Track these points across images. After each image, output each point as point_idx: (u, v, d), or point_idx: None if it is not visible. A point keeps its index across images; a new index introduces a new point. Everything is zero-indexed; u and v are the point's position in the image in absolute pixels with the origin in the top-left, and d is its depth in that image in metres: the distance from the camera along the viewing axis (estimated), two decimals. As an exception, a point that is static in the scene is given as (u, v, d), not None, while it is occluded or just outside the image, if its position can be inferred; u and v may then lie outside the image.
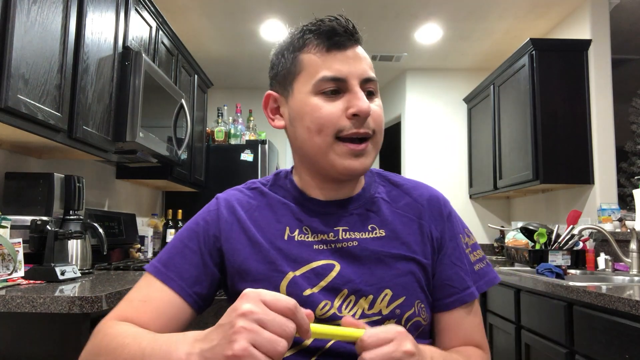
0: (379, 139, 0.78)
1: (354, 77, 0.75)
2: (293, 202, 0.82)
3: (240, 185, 0.89)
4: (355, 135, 0.74)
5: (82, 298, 1.27)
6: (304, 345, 0.72)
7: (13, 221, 1.61)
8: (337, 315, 0.73)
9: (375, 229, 0.80)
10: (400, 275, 0.76)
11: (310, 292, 0.74)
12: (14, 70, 1.44)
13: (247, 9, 3.25)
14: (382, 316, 0.74)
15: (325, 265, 0.75)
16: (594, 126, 2.91)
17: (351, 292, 0.74)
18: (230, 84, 4.72)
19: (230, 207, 0.82)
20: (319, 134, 0.74)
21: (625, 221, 2.62)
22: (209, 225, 0.80)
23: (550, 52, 2.98)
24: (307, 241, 0.78)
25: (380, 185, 0.86)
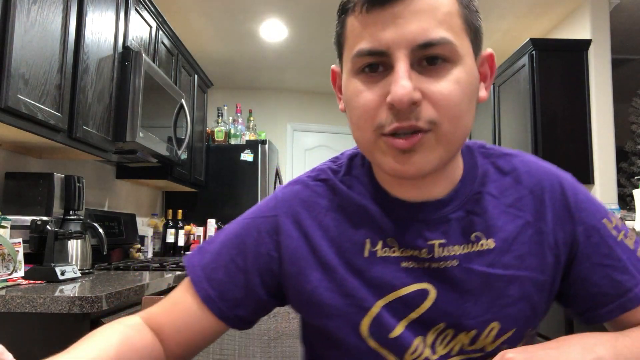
0: (450, 130, 0.53)
1: (399, 46, 0.52)
2: (373, 202, 0.63)
3: (305, 174, 0.69)
4: (396, 130, 0.53)
5: (82, 298, 1.27)
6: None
7: (13, 221, 1.61)
8: (429, 359, 0.59)
9: (481, 239, 0.60)
10: (512, 304, 0.59)
11: (398, 333, 0.59)
12: (14, 70, 1.44)
13: (247, 9, 3.25)
14: (485, 353, 0.60)
15: (418, 292, 0.59)
16: (594, 126, 2.91)
17: (449, 326, 0.59)
18: (230, 84, 4.72)
19: (294, 215, 0.64)
20: (359, 129, 0.56)
21: (625, 221, 2.62)
22: (262, 240, 0.64)
23: (550, 52, 2.98)
24: (393, 257, 0.60)
25: (486, 169, 0.64)
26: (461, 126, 0.55)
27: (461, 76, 0.53)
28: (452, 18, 0.53)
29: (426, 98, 0.52)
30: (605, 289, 0.60)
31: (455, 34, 0.53)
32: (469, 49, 0.56)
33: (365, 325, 0.59)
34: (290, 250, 0.63)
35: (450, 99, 0.53)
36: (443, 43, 0.52)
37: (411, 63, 0.52)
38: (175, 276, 1.99)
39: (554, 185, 0.63)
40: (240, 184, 3.68)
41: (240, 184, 3.68)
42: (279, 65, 4.28)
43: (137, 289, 1.56)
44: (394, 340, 0.59)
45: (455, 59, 0.53)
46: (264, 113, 4.70)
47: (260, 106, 4.69)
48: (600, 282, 0.60)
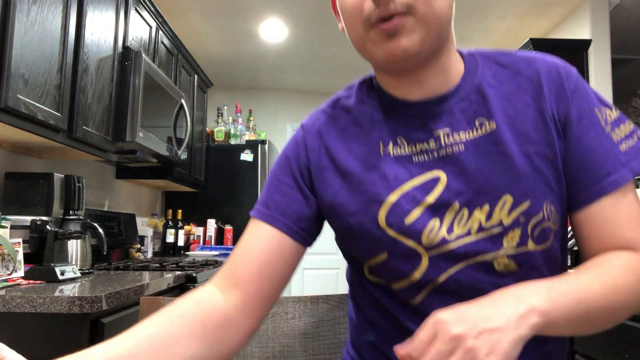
0: (428, 12, 0.59)
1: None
2: (381, 111, 0.70)
3: (323, 105, 0.78)
4: (381, 18, 0.59)
5: (82, 298, 1.27)
6: (414, 279, 0.65)
7: (13, 221, 1.61)
8: (446, 239, 0.63)
9: (484, 124, 0.65)
10: (521, 177, 0.63)
11: (413, 219, 0.64)
12: (14, 70, 1.44)
13: (247, 9, 3.25)
14: (504, 227, 0.63)
15: (430, 181, 0.65)
16: (594, 126, 2.91)
17: (463, 205, 0.63)
18: (230, 84, 4.72)
19: (317, 133, 0.73)
20: (352, 27, 0.63)
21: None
22: (299, 157, 0.73)
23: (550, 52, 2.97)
24: (405, 155, 0.67)
25: (485, 68, 0.69)
26: (436, 8, 0.60)
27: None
28: None
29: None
30: (587, 173, 0.64)
31: None
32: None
33: (382, 217, 0.65)
34: (316, 162, 0.72)
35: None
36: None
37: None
38: (175, 276, 1.99)
39: (550, 70, 0.68)
40: (240, 184, 3.68)
41: (240, 184, 3.68)
42: (279, 65, 4.28)
43: (137, 289, 1.56)
44: (410, 225, 0.64)
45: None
46: (264, 113, 4.70)
47: (260, 106, 4.70)
48: (584, 165, 0.64)
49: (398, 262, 0.66)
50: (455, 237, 0.63)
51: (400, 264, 0.66)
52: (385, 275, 0.68)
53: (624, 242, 0.62)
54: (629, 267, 0.60)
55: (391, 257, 0.66)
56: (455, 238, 0.63)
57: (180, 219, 3.36)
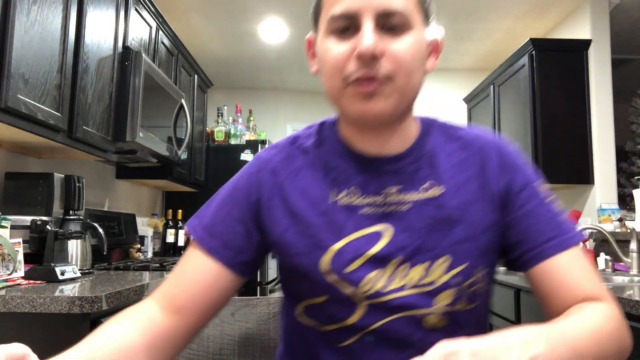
0: (404, 82, 0.64)
1: (366, 11, 0.63)
2: (338, 158, 0.73)
3: (281, 141, 0.79)
4: (360, 78, 0.63)
5: (82, 298, 1.28)
6: (347, 323, 0.68)
7: (13, 221, 1.61)
8: (383, 291, 0.66)
9: (432, 187, 0.70)
10: (460, 242, 0.67)
11: (353, 268, 0.67)
12: (14, 70, 1.44)
13: (247, 9, 3.25)
14: (439, 285, 0.66)
15: (374, 233, 0.68)
16: (594, 126, 2.91)
17: (404, 260, 0.67)
18: (230, 84, 4.72)
19: (272, 170, 0.75)
20: (330, 78, 0.67)
21: (625, 221, 2.62)
22: (250, 191, 0.74)
23: (550, 52, 2.98)
24: (354, 205, 0.70)
25: (438, 136, 0.75)
26: (412, 81, 0.66)
27: (412, 41, 0.65)
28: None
29: (385, 55, 0.63)
30: (530, 237, 0.69)
31: (410, 8, 0.65)
32: (420, 23, 0.67)
33: (325, 263, 0.68)
34: (265, 199, 0.73)
35: (404, 56, 0.64)
36: (400, 13, 0.64)
37: (375, 26, 0.63)
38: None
39: (494, 147, 0.74)
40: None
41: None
42: (279, 65, 4.28)
43: (137, 289, 1.56)
44: (349, 274, 0.67)
45: (409, 27, 0.65)
46: (264, 113, 4.70)
47: (260, 106, 4.69)
48: (527, 230, 0.69)
49: (335, 306, 0.68)
50: (391, 290, 0.66)
51: (337, 309, 0.68)
52: (319, 317, 0.70)
53: (586, 293, 0.66)
54: (606, 315, 0.63)
55: (330, 301, 0.69)
56: (391, 291, 0.66)
57: (180, 219, 3.36)
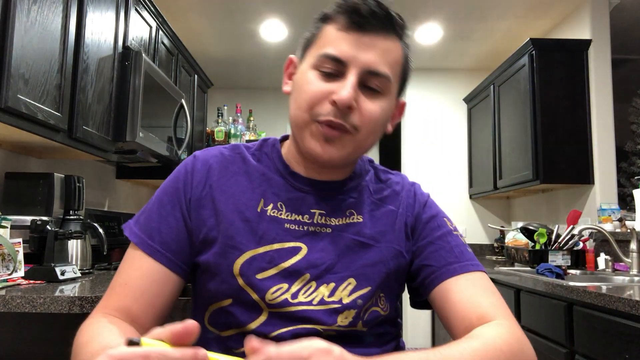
0: (364, 138, 0.71)
1: (355, 64, 0.69)
2: (274, 173, 0.78)
3: (223, 146, 0.83)
4: (329, 123, 0.69)
5: (82, 298, 1.27)
6: (247, 328, 0.69)
7: (13, 221, 1.61)
8: (289, 301, 0.69)
9: (353, 215, 0.77)
10: (369, 266, 0.73)
11: (264, 277, 0.70)
12: (14, 70, 1.44)
13: (247, 9, 3.25)
14: (342, 305, 0.71)
15: (292, 248, 0.72)
16: (594, 126, 2.91)
17: (313, 278, 0.71)
18: (230, 84, 4.72)
19: (205, 169, 0.77)
20: (299, 108, 0.71)
21: (625, 221, 2.62)
22: (185, 189, 0.75)
23: (550, 52, 2.98)
24: (280, 218, 0.74)
25: (370, 175, 0.84)
26: (370, 139, 0.73)
27: (384, 106, 0.72)
28: (395, 65, 0.73)
29: (358, 109, 0.69)
30: (434, 262, 0.76)
31: (393, 76, 0.72)
32: (395, 92, 0.75)
33: (237, 265, 0.70)
34: (196, 197, 0.74)
35: (372, 116, 0.71)
36: (384, 77, 0.70)
37: (359, 81, 0.69)
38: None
39: (410, 189, 0.84)
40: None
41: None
42: (279, 65, 4.28)
43: (137, 289, 1.56)
44: (259, 281, 0.70)
45: (386, 92, 0.72)
46: (264, 113, 4.70)
47: (260, 106, 4.69)
48: (430, 256, 0.76)
49: (239, 310, 0.70)
50: (298, 303, 0.70)
51: (241, 313, 0.70)
52: (222, 322, 0.72)
53: (482, 312, 0.69)
54: (501, 334, 0.65)
55: (234, 304, 0.71)
56: (297, 304, 0.70)
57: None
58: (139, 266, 0.71)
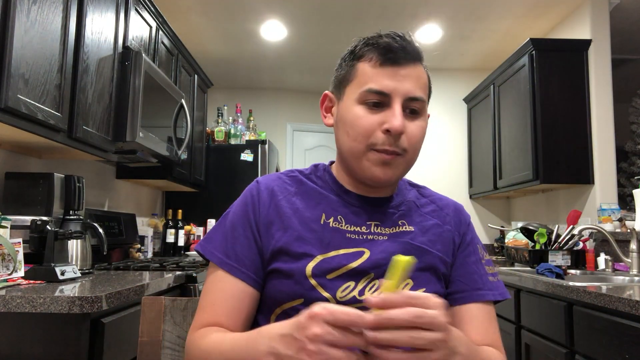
0: (412, 157, 0.82)
1: (398, 94, 0.79)
2: (330, 193, 0.87)
3: (279, 172, 0.93)
4: (385, 152, 0.79)
5: (82, 298, 1.27)
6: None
7: (13, 221, 1.61)
8: (357, 298, 0.76)
9: (405, 225, 0.86)
10: (424, 269, 0.82)
11: (334, 276, 0.78)
12: (14, 70, 1.44)
13: (247, 9, 3.25)
14: None
15: (356, 253, 0.80)
16: (594, 126, 2.91)
17: (377, 277, 0.78)
18: (230, 84, 4.72)
19: (270, 191, 0.86)
20: (354, 140, 0.80)
21: (625, 221, 2.62)
22: (254, 210, 0.84)
23: (550, 52, 2.98)
24: (341, 229, 0.83)
25: (411, 191, 0.94)
26: (416, 156, 0.84)
27: (423, 124, 0.83)
28: (425, 87, 0.84)
29: (405, 133, 0.80)
30: (468, 280, 0.86)
31: (425, 97, 0.84)
32: (426, 109, 0.85)
33: (310, 268, 0.78)
34: (264, 216, 0.84)
35: (417, 137, 0.82)
36: (421, 100, 0.81)
37: (403, 107, 0.80)
38: (176, 276, 1.99)
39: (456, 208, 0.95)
40: (240, 184, 3.67)
41: (240, 184, 3.67)
42: (279, 65, 4.28)
43: (137, 289, 1.56)
44: (330, 280, 0.78)
45: (423, 113, 0.83)
46: (264, 113, 4.70)
47: (260, 106, 4.69)
48: (466, 274, 0.87)
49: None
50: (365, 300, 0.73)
51: None
52: None
53: (492, 340, 0.83)
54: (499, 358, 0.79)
55: (306, 304, 0.76)
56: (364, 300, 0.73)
57: (180, 219, 3.36)
58: (221, 286, 0.81)
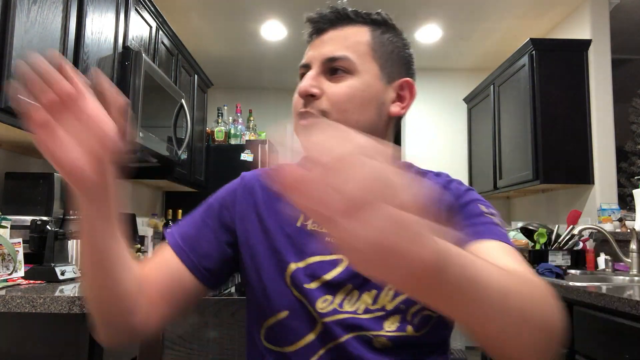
0: (339, 118, 0.72)
1: (316, 61, 0.76)
2: None
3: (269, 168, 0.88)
4: (299, 114, 0.75)
5: (82, 298, 1.27)
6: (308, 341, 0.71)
7: (13, 221, 1.61)
8: (338, 310, 0.71)
9: None
10: None
11: (310, 287, 0.73)
12: (14, 70, 1.44)
13: (247, 9, 3.25)
14: (386, 311, 0.71)
15: (332, 261, 0.74)
16: (594, 126, 2.91)
17: (355, 287, 0.72)
18: (230, 84, 4.72)
19: (250, 188, 0.82)
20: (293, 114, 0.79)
21: (625, 221, 2.62)
22: (227, 204, 0.81)
23: (550, 52, 2.98)
24: (321, 231, 0.75)
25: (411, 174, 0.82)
26: (349, 119, 0.73)
27: (354, 84, 0.74)
28: (358, 44, 0.75)
29: (324, 95, 0.73)
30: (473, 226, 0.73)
31: (358, 55, 0.74)
32: (374, 70, 0.75)
33: (288, 276, 0.73)
34: (242, 213, 0.79)
35: (338, 96, 0.73)
36: (342, 58, 0.74)
37: (322, 71, 0.75)
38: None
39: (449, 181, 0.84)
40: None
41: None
42: (279, 65, 4.28)
43: (137, 289, 1.56)
44: (308, 291, 0.72)
45: (353, 72, 0.74)
46: (264, 113, 4.70)
47: (260, 106, 4.69)
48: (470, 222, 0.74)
49: (296, 322, 0.72)
50: (345, 312, 0.71)
51: (298, 324, 0.72)
52: (281, 337, 0.74)
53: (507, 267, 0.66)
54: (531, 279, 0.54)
55: (290, 316, 0.73)
56: (345, 312, 0.71)
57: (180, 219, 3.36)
58: (165, 256, 0.76)
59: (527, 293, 0.48)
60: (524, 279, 0.52)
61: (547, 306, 0.50)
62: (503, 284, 0.45)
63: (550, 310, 0.50)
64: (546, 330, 0.48)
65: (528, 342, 0.47)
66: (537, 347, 0.48)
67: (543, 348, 0.48)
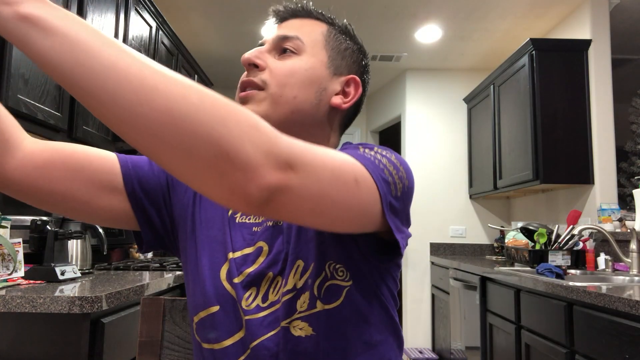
0: (277, 92, 0.72)
1: (269, 39, 0.78)
2: None
3: None
4: (240, 85, 0.76)
5: (82, 298, 1.28)
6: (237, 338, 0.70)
7: (13, 221, 1.61)
8: (260, 306, 0.70)
9: None
10: (307, 241, 0.70)
11: (238, 281, 0.71)
12: (14, 70, 1.44)
13: (247, 10, 3.25)
14: (297, 290, 0.69)
15: (256, 251, 0.73)
16: (594, 126, 2.91)
17: (276, 274, 0.71)
18: (230, 84, 4.72)
19: None
20: None
21: (625, 221, 2.62)
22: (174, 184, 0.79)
23: (550, 52, 2.98)
24: (247, 223, 0.75)
25: None
26: (287, 94, 0.73)
27: (300, 63, 0.74)
28: (310, 33, 0.77)
29: (267, 68, 0.74)
30: None
31: (309, 40, 0.76)
32: (322, 56, 0.77)
33: (224, 271, 0.72)
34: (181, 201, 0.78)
35: (280, 71, 0.74)
36: (293, 38, 0.75)
37: (272, 49, 0.76)
38: (176, 276, 1.99)
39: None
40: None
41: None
42: (279, 65, 4.28)
43: (137, 289, 1.56)
44: (235, 285, 0.71)
45: (301, 53, 0.75)
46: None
47: (260, 106, 4.69)
48: None
49: (226, 317, 0.71)
50: (269, 304, 0.70)
51: (228, 319, 0.71)
52: (210, 331, 0.72)
53: None
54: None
55: (221, 311, 0.71)
56: (267, 307, 0.69)
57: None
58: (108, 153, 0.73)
59: (198, 101, 0.44)
60: (217, 98, 0.47)
61: (234, 127, 0.46)
62: (146, 75, 0.42)
63: (239, 135, 0.45)
64: (218, 153, 0.44)
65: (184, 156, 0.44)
66: (198, 165, 0.45)
67: (212, 170, 0.45)
